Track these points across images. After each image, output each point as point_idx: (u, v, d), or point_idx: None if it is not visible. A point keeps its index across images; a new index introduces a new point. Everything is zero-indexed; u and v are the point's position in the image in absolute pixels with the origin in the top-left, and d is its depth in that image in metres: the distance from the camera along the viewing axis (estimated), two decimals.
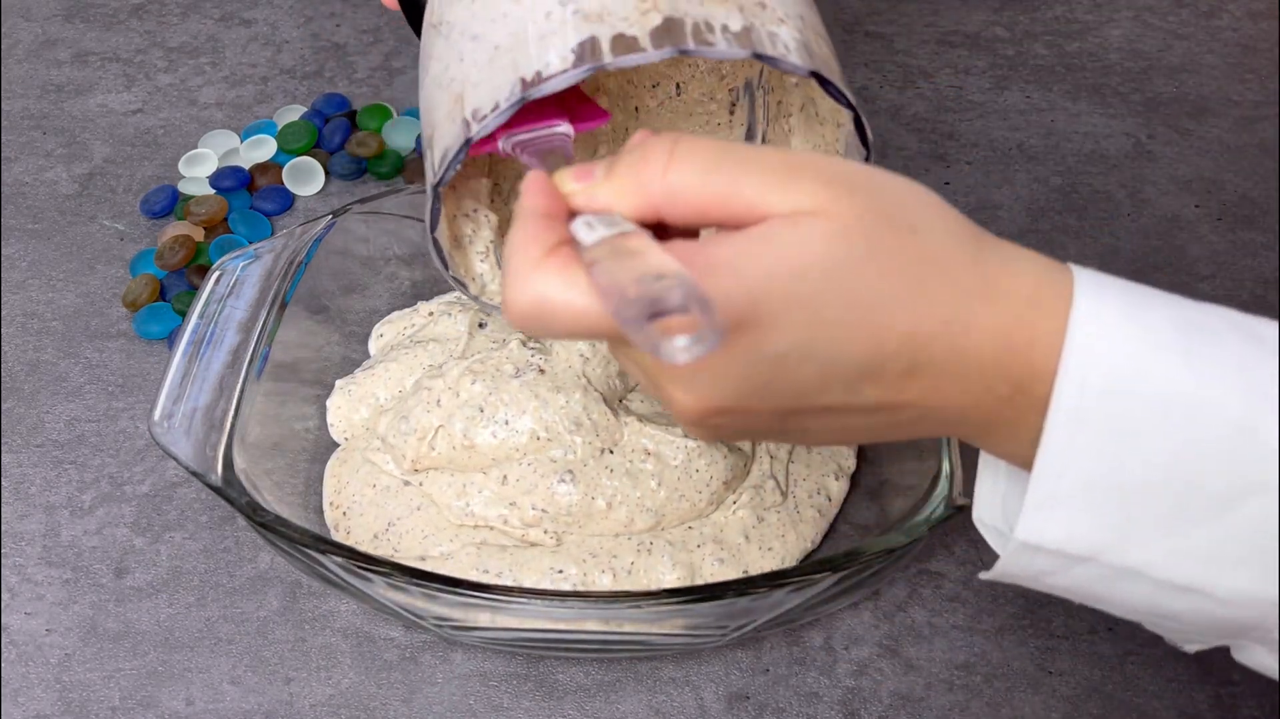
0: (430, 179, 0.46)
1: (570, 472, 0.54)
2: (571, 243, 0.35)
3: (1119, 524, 0.34)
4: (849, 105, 0.45)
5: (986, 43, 0.86)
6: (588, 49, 0.41)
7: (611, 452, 0.55)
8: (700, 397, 0.36)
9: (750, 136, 0.57)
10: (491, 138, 0.49)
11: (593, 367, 0.56)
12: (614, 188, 0.36)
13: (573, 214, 0.36)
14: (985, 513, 0.41)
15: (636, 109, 0.58)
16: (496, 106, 0.43)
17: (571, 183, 0.36)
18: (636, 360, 0.37)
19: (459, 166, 0.45)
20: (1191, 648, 0.39)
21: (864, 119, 0.46)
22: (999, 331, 0.34)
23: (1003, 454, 0.38)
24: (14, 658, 0.54)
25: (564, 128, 0.48)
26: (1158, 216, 0.74)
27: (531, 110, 0.50)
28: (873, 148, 0.48)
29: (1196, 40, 0.87)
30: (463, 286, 0.52)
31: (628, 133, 0.58)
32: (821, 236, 0.33)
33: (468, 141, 0.44)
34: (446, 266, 0.50)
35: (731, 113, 0.57)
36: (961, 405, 0.35)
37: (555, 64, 0.42)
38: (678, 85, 0.57)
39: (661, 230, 0.36)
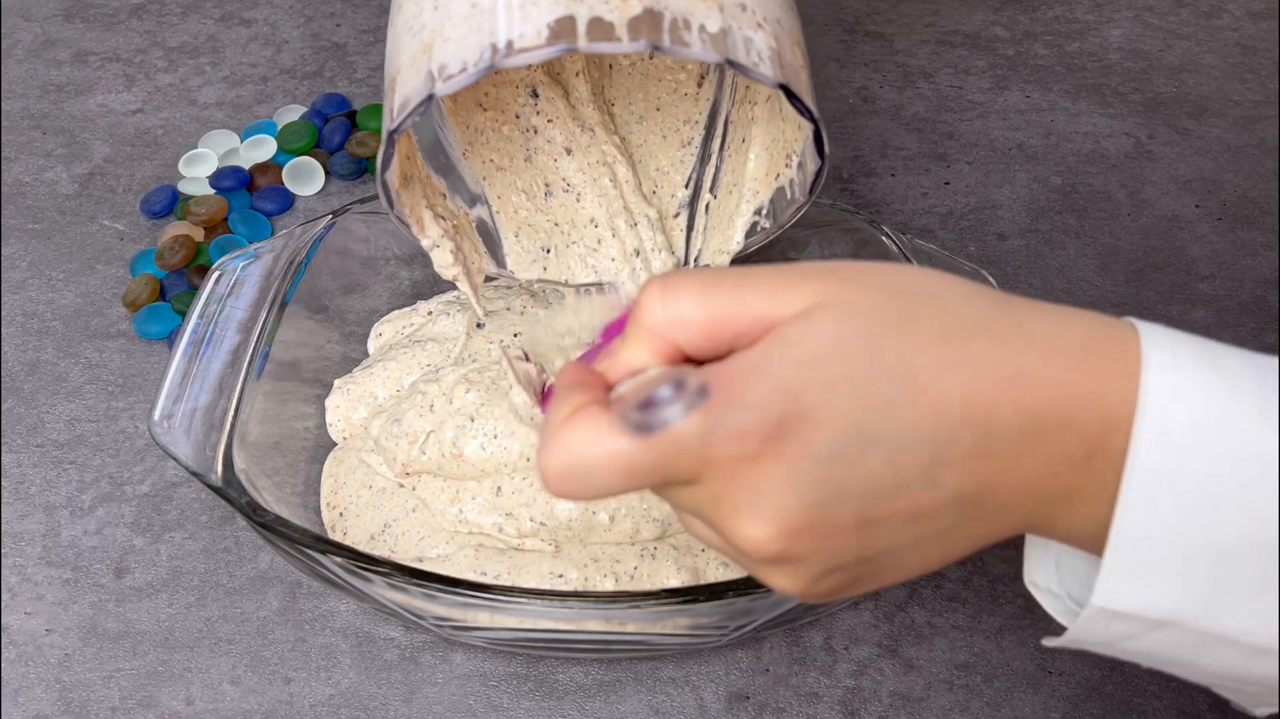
0: (387, 124, 0.46)
1: None
2: (601, 400, 0.34)
3: (1206, 587, 0.32)
4: (811, 119, 0.46)
5: (986, 43, 0.86)
6: (564, 27, 0.41)
7: None
8: (769, 520, 0.33)
9: (715, 114, 0.57)
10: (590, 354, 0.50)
11: None
12: (629, 345, 0.35)
13: (610, 389, 0.36)
14: (1039, 575, 0.39)
15: (610, 66, 0.58)
16: (464, 69, 0.43)
17: (600, 364, 0.36)
18: (694, 508, 0.35)
19: (418, 119, 0.45)
20: (1263, 712, 0.37)
21: (824, 132, 0.47)
22: (1064, 383, 0.32)
23: (1077, 527, 0.34)
24: (14, 658, 0.54)
25: None
26: (1158, 216, 0.74)
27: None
28: (829, 159, 0.49)
29: (1196, 40, 0.87)
30: (405, 226, 0.52)
31: (605, 89, 0.58)
32: (837, 319, 0.32)
33: (430, 96, 0.44)
34: (392, 206, 0.51)
35: (699, 85, 0.57)
36: (1041, 476, 0.33)
37: (529, 37, 0.42)
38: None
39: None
